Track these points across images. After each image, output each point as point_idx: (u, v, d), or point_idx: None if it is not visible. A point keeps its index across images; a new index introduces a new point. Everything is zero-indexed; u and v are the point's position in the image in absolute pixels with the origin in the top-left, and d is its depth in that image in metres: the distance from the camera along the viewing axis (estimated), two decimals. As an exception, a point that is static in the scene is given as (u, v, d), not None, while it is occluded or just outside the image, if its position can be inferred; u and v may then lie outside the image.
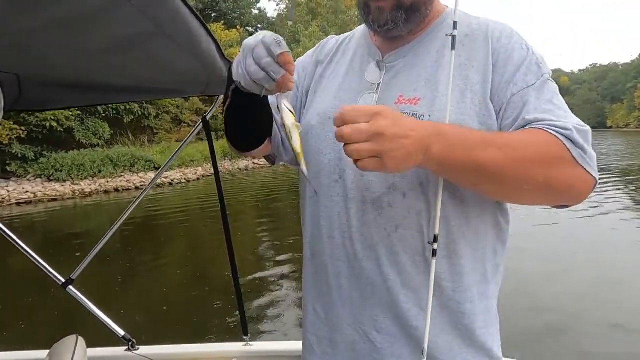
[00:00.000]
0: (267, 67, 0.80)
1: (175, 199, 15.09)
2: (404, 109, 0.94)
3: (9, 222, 11.09)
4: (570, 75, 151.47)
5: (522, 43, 0.95)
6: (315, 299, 1.06)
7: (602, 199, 12.17)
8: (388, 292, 0.95)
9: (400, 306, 0.94)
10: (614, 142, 50.82)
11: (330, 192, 1.00)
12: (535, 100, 0.88)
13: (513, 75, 0.91)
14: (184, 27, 1.19)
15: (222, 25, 29.46)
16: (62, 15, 1.00)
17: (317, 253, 1.04)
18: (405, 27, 0.98)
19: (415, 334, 0.94)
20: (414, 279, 0.93)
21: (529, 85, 0.90)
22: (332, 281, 1.01)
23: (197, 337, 4.36)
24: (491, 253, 0.99)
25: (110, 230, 2.04)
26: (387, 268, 0.94)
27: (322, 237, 1.02)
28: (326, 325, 1.04)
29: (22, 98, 1.61)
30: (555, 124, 0.84)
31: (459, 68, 0.94)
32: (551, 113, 0.86)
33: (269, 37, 0.79)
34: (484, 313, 0.98)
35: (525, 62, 0.92)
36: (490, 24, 0.98)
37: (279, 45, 0.79)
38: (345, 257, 0.98)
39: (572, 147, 0.82)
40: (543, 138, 0.83)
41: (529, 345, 4.33)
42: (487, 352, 0.98)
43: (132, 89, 1.72)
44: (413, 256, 0.93)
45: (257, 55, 0.80)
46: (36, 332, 4.81)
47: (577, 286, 6.02)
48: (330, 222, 1.00)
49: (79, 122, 17.52)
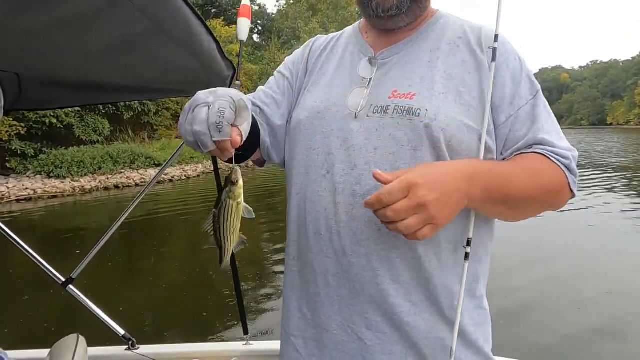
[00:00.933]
0: (204, 140, 0.75)
1: (176, 195, 15.08)
2: (399, 102, 0.94)
3: (9, 219, 11.09)
4: (570, 72, 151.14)
5: (516, 54, 0.99)
6: (301, 299, 1.04)
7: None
8: (378, 288, 0.93)
9: (390, 301, 0.93)
10: (611, 138, 50.91)
11: (317, 188, 0.99)
12: (540, 117, 0.95)
13: (517, 88, 0.96)
14: (184, 26, 1.18)
15: (222, 21, 29.40)
16: (63, 14, 1.00)
17: (303, 251, 1.02)
18: (407, 17, 0.99)
19: (406, 330, 0.93)
20: (403, 274, 0.93)
21: (528, 100, 0.96)
22: (320, 279, 0.99)
23: (196, 335, 4.38)
24: (483, 252, 1.01)
25: (109, 230, 2.04)
26: (377, 263, 0.93)
27: (308, 234, 1.00)
28: (313, 326, 1.01)
29: (23, 97, 1.61)
30: (557, 153, 0.93)
31: (454, 68, 0.96)
32: (552, 134, 0.95)
33: (213, 116, 0.73)
34: (474, 310, 0.99)
35: (522, 75, 0.97)
36: (483, 29, 1.01)
37: (219, 132, 0.73)
38: (332, 253, 0.96)
39: (570, 176, 0.94)
40: (551, 169, 0.92)
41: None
42: (478, 350, 0.98)
43: (132, 88, 1.71)
44: (404, 251, 0.92)
45: (198, 126, 0.74)
46: (36, 332, 4.81)
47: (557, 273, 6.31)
48: (317, 217, 0.98)
49: (78, 118, 17.50)
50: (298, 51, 1.20)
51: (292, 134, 1.07)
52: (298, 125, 1.05)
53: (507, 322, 4.60)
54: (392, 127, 0.93)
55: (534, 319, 4.86)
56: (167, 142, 21.10)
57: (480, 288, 1.01)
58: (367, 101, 0.97)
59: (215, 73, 1.50)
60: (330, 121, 1.00)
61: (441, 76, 0.95)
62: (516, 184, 0.89)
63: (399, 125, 0.93)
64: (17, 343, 2.22)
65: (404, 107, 0.93)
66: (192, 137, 0.75)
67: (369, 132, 0.95)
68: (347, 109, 0.99)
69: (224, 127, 0.73)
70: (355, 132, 0.96)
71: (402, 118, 0.93)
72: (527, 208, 0.95)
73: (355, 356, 0.96)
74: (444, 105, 0.92)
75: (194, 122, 0.75)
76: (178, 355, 1.99)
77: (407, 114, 0.92)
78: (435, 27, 1.03)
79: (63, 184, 15.46)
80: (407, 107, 0.93)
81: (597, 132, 75.11)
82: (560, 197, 0.95)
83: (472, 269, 0.97)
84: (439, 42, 1.00)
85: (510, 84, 0.96)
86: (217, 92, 0.77)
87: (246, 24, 0.95)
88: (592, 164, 21.94)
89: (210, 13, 31.68)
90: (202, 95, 0.77)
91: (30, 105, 1.81)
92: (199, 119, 0.74)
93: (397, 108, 0.94)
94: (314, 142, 1.01)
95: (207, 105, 0.75)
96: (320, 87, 1.07)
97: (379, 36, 1.05)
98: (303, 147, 1.03)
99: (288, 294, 1.07)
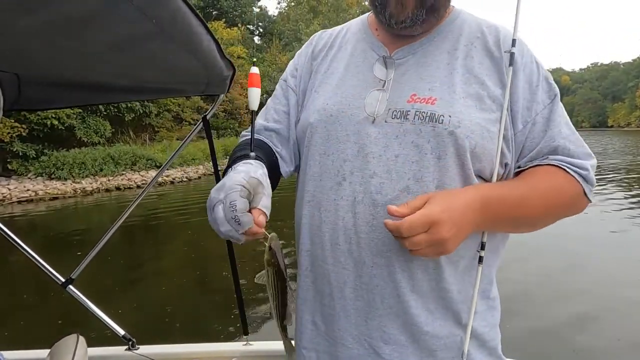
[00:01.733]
0: (233, 236, 0.78)
1: (177, 197, 15.08)
2: (420, 107, 0.90)
3: (10, 220, 11.09)
4: (571, 74, 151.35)
5: (533, 57, 0.96)
6: (314, 311, 1.00)
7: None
8: (398, 299, 0.91)
9: (410, 312, 0.91)
10: (612, 140, 50.85)
11: (333, 196, 0.94)
12: (557, 122, 0.93)
13: (533, 93, 0.93)
14: (185, 27, 1.18)
15: (223, 23, 29.44)
16: (63, 14, 1.00)
17: (318, 262, 0.98)
18: (421, 27, 0.95)
19: (425, 339, 0.92)
20: (423, 284, 0.91)
21: (546, 105, 0.93)
22: (335, 291, 0.95)
23: (196, 335, 4.37)
24: (497, 255, 1.00)
25: (109, 230, 2.04)
26: (399, 275, 0.90)
27: (323, 245, 0.96)
28: (326, 339, 0.98)
29: (22, 97, 1.61)
30: (574, 164, 0.92)
31: (473, 70, 0.93)
32: (571, 142, 0.94)
33: (228, 213, 0.76)
34: (487, 312, 0.98)
35: (540, 79, 0.95)
36: (501, 30, 0.97)
37: (239, 225, 0.76)
38: (352, 265, 0.93)
39: (586, 186, 0.93)
40: (567, 184, 0.92)
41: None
42: (491, 351, 0.98)
43: (132, 88, 1.71)
44: (425, 262, 0.90)
45: (222, 227, 0.77)
46: (36, 331, 4.81)
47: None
48: (334, 227, 0.94)
49: (80, 120, 17.52)
50: (301, 52, 1.15)
51: (303, 138, 1.03)
52: (309, 129, 1.00)
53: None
54: (413, 134, 0.89)
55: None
56: (168, 144, 21.12)
57: (494, 290, 1.00)
58: (385, 105, 0.93)
59: (215, 73, 1.50)
60: (346, 125, 0.95)
61: (460, 79, 0.92)
62: (529, 208, 0.90)
63: (420, 132, 0.89)
64: (17, 343, 2.22)
65: (426, 113, 0.89)
66: (223, 236, 0.78)
67: (389, 138, 0.91)
68: (363, 112, 0.94)
69: (242, 218, 0.75)
70: (373, 138, 0.92)
71: (424, 124, 0.89)
72: (538, 225, 0.95)
73: None
74: (466, 110, 0.89)
75: (217, 224, 0.77)
76: (178, 356, 1.98)
77: (430, 121, 0.88)
78: (453, 26, 0.98)
79: (64, 186, 15.48)
80: (429, 113, 0.89)
81: (597, 134, 74.99)
82: (575, 208, 0.96)
83: (487, 271, 0.96)
84: (457, 42, 0.96)
85: (527, 89, 0.93)
86: (225, 185, 0.78)
87: (257, 93, 0.95)
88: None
89: (212, 15, 31.72)
90: (214, 193, 0.79)
91: (30, 106, 1.81)
92: (219, 220, 0.76)
93: (419, 114, 0.89)
94: (328, 148, 0.97)
95: (221, 202, 0.77)
96: (329, 88, 1.01)
97: (393, 36, 1.00)
98: (316, 153, 0.98)
99: (300, 306, 1.03)
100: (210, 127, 1.95)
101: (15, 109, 1.74)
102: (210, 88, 1.67)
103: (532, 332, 4.50)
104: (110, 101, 2.03)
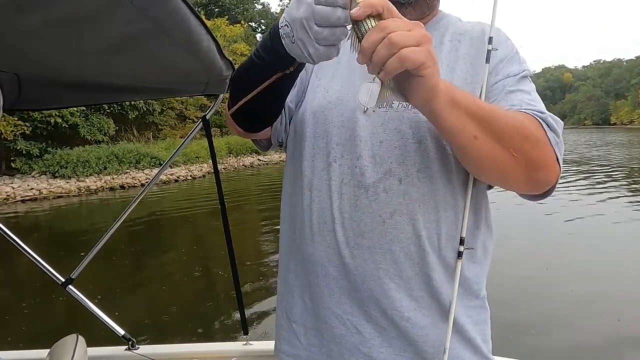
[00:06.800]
0: (338, 21, 0.71)
1: (181, 195, 15.11)
2: None
3: (14, 219, 11.15)
4: (573, 72, 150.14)
5: (513, 47, 1.01)
6: (303, 287, 1.03)
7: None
8: (379, 282, 0.93)
9: (391, 295, 0.92)
10: (612, 138, 50.74)
11: (324, 176, 0.98)
12: (515, 90, 0.93)
13: (496, 66, 0.96)
14: (184, 27, 1.18)
15: (226, 20, 29.46)
16: (63, 14, 0.99)
17: (306, 240, 1.00)
18: (415, 12, 1.01)
19: (405, 325, 0.93)
20: (405, 269, 0.92)
21: (509, 76, 0.95)
22: (319, 270, 0.98)
23: (196, 335, 4.38)
24: (485, 252, 1.00)
25: (109, 229, 2.04)
26: (379, 256, 0.92)
27: (312, 223, 0.99)
28: (313, 316, 1.01)
29: (22, 97, 1.61)
30: (532, 107, 0.89)
31: (457, 61, 0.99)
32: (529, 104, 0.90)
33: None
34: (474, 309, 0.99)
35: (508, 56, 0.98)
36: (485, 25, 1.03)
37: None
38: (335, 244, 0.95)
39: (548, 130, 0.86)
40: (525, 116, 0.87)
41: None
42: (475, 349, 0.98)
43: (132, 88, 1.71)
44: (407, 245, 0.92)
45: (322, 18, 0.70)
46: (36, 331, 4.83)
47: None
48: (323, 207, 0.97)
49: (83, 118, 17.58)
50: None
51: (302, 122, 1.06)
52: (305, 112, 1.05)
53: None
54: (396, 121, 0.95)
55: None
56: (171, 142, 21.18)
57: (483, 288, 1.01)
58: (374, 97, 0.96)
59: (214, 73, 1.50)
60: (342, 112, 1.00)
61: (444, 70, 0.96)
62: (494, 109, 0.83)
63: (403, 118, 0.94)
64: (17, 343, 2.23)
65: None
66: (326, 31, 0.71)
67: (375, 126, 0.96)
68: (357, 101, 0.96)
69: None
70: (361, 125, 0.97)
71: (406, 111, 0.94)
72: (504, 146, 0.81)
73: (353, 350, 0.95)
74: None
75: (314, 23, 0.71)
76: (178, 355, 1.98)
77: (412, 108, 0.92)
78: (439, 25, 1.06)
79: (68, 184, 15.53)
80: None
81: (599, 132, 74.82)
82: (541, 153, 0.84)
83: (475, 269, 0.98)
84: (442, 37, 1.03)
85: (501, 65, 0.97)
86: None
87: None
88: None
89: (214, 12, 31.77)
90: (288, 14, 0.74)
91: (30, 106, 1.82)
92: (324, 13, 0.70)
93: (403, 102, 0.93)
94: (322, 131, 1.01)
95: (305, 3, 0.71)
96: (329, 75, 1.07)
97: None
98: (310, 134, 1.03)
99: (292, 280, 1.06)
100: (210, 127, 1.95)
101: (15, 109, 1.74)
102: (210, 88, 1.67)
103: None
104: (110, 101, 2.03)
